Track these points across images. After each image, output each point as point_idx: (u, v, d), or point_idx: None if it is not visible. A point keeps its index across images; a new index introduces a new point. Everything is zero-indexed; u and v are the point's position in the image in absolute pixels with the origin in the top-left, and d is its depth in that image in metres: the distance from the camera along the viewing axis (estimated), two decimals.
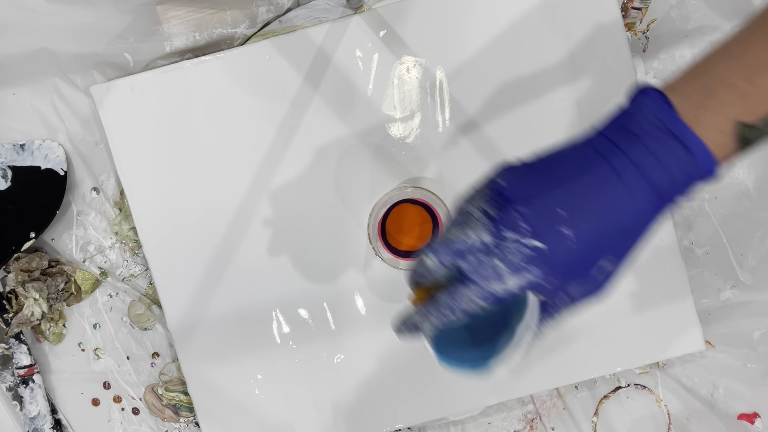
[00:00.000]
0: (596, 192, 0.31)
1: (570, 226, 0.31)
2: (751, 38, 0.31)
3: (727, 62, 0.31)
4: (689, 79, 0.32)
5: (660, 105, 0.31)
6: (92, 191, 0.66)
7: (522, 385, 0.63)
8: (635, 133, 0.31)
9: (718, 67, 0.31)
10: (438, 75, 0.62)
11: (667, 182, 0.31)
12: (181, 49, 0.63)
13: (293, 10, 0.63)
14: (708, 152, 0.31)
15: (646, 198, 0.31)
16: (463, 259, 0.32)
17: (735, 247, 0.64)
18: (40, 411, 0.65)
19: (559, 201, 0.31)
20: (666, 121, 0.31)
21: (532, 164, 0.33)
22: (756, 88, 0.30)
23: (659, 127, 0.31)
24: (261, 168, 0.62)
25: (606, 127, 0.33)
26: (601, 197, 0.31)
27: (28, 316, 0.63)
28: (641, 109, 0.32)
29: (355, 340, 0.63)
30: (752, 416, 0.64)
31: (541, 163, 0.33)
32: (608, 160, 0.31)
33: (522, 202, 0.31)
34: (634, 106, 0.32)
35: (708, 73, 0.31)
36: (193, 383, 0.63)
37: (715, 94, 0.30)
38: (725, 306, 0.65)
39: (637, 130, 0.31)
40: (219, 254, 0.62)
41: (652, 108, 0.31)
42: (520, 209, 0.31)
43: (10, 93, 0.63)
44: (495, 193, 0.32)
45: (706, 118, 0.30)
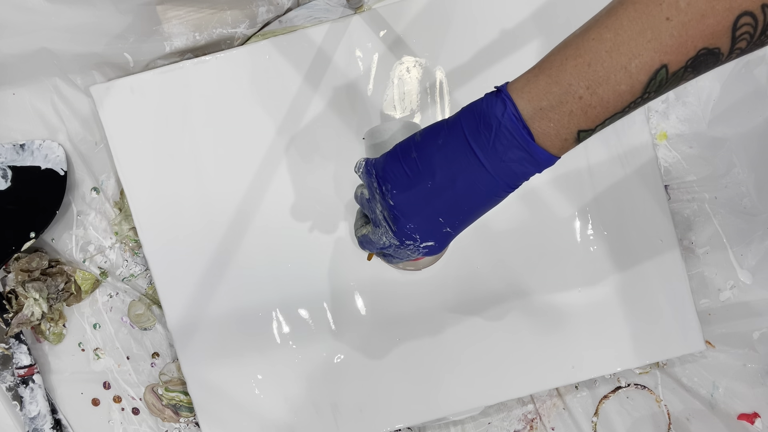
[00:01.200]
0: (463, 198, 0.39)
1: (449, 225, 0.41)
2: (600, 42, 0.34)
3: (576, 71, 0.34)
4: (543, 84, 0.35)
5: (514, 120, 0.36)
6: (92, 191, 0.66)
7: (522, 385, 0.63)
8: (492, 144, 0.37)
9: (567, 72, 0.35)
10: (438, 75, 0.62)
11: (515, 179, 0.38)
12: (181, 49, 0.63)
13: (293, 10, 0.63)
14: (550, 157, 0.37)
15: (499, 193, 0.39)
16: (386, 249, 0.45)
17: (735, 247, 0.64)
18: (40, 411, 0.65)
19: (437, 212, 0.40)
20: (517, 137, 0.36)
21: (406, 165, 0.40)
22: (597, 98, 0.34)
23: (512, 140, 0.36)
24: (261, 168, 0.62)
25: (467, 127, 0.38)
26: (466, 201, 0.39)
27: (28, 316, 0.63)
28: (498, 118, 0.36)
29: (355, 340, 0.63)
30: (752, 416, 0.64)
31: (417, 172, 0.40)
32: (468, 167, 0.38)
33: (410, 218, 0.41)
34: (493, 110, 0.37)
35: (558, 78, 0.35)
36: (193, 383, 0.63)
37: (562, 107, 0.35)
38: (725, 306, 0.65)
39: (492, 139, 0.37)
40: (219, 254, 0.62)
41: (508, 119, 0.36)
42: (410, 226, 0.41)
43: (10, 93, 0.63)
44: (389, 208, 0.41)
45: (552, 130, 0.36)
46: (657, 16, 0.32)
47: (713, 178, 0.65)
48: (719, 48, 0.32)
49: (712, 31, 0.31)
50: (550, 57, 0.36)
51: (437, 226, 0.41)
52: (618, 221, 0.62)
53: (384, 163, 0.42)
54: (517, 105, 0.36)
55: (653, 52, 0.33)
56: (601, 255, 0.62)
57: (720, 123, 0.64)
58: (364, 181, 0.44)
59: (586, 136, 0.36)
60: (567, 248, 0.62)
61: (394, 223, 0.41)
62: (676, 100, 0.65)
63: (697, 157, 0.65)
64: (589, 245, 0.62)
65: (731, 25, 0.31)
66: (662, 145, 0.65)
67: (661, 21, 0.32)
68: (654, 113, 0.65)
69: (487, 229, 0.62)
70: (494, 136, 0.37)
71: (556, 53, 0.36)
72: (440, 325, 0.62)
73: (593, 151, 0.62)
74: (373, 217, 0.44)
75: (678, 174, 0.66)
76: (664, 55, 0.33)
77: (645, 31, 0.32)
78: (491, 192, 0.39)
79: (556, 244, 0.62)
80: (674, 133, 0.65)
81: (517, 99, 0.36)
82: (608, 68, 0.34)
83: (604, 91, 0.34)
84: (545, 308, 0.62)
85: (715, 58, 0.33)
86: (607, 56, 0.34)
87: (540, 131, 0.36)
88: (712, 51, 0.32)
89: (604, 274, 0.62)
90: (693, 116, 0.65)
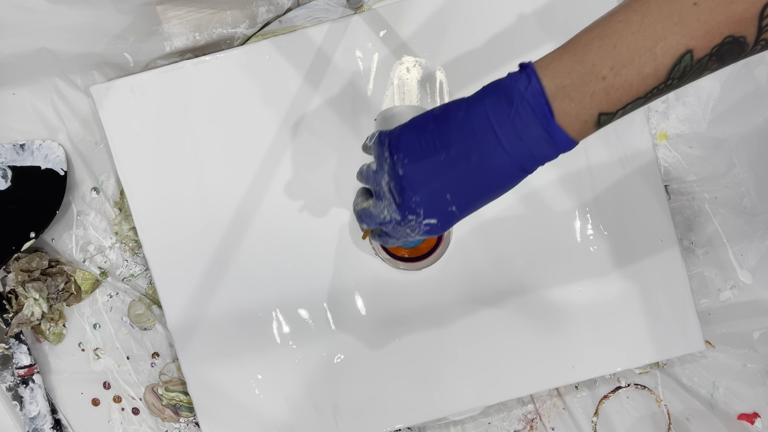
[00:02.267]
0: (474, 175, 0.38)
1: (455, 204, 0.39)
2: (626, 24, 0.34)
3: (601, 51, 0.34)
4: (567, 61, 0.35)
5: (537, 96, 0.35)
6: (92, 191, 0.66)
7: (522, 385, 0.63)
8: (512, 119, 0.36)
9: (592, 52, 0.35)
10: (438, 75, 0.62)
11: (531, 162, 0.37)
12: (181, 49, 0.63)
13: (293, 10, 0.63)
14: (569, 139, 0.36)
15: (513, 174, 0.38)
16: (385, 226, 0.43)
17: (735, 247, 0.64)
18: (40, 411, 0.65)
19: (445, 187, 0.39)
20: (539, 114, 0.35)
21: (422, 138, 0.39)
22: (621, 80, 0.34)
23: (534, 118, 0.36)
24: (261, 168, 0.62)
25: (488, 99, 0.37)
26: (477, 179, 0.38)
27: (28, 316, 0.63)
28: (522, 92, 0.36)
29: (355, 340, 0.63)
30: (752, 416, 0.64)
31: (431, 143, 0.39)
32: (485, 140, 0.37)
33: (417, 191, 0.39)
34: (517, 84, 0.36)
35: (583, 57, 0.35)
36: (193, 383, 0.63)
37: (584, 86, 0.35)
38: (725, 306, 0.65)
39: (514, 115, 0.36)
40: (219, 254, 0.62)
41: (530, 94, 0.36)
42: (416, 199, 0.40)
43: (10, 93, 0.63)
44: (396, 178, 0.40)
45: (573, 109, 0.35)
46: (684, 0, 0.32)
47: (713, 178, 0.65)
48: (745, 37, 0.33)
49: (739, 18, 0.32)
50: (576, 38, 0.36)
51: (443, 203, 0.39)
52: (618, 221, 0.62)
53: (399, 133, 0.41)
54: (541, 81, 0.36)
55: (679, 35, 0.33)
56: (601, 255, 0.62)
57: (720, 123, 0.64)
58: (374, 152, 0.43)
59: (607, 120, 0.36)
60: (567, 248, 0.62)
61: (399, 195, 0.40)
62: (676, 100, 0.65)
63: (697, 157, 0.65)
64: (589, 245, 0.62)
65: (758, 13, 0.32)
66: (662, 145, 0.65)
67: (689, 5, 0.32)
68: (654, 113, 0.65)
69: (488, 228, 0.62)
70: (514, 111, 0.36)
71: (583, 34, 0.36)
72: (440, 325, 0.62)
73: (593, 151, 0.62)
74: (377, 190, 0.43)
75: (678, 174, 0.66)
76: (690, 40, 0.33)
77: (672, 14, 0.33)
78: (504, 172, 0.38)
79: (556, 243, 0.62)
80: (674, 133, 0.65)
81: (541, 75, 0.36)
82: (633, 50, 0.34)
83: (628, 73, 0.34)
84: (545, 308, 0.62)
85: (740, 47, 0.33)
86: (632, 38, 0.34)
87: (561, 110, 0.35)
88: (737, 39, 0.33)
89: (604, 274, 0.62)
90: (693, 116, 0.65)
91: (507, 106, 0.36)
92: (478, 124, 0.37)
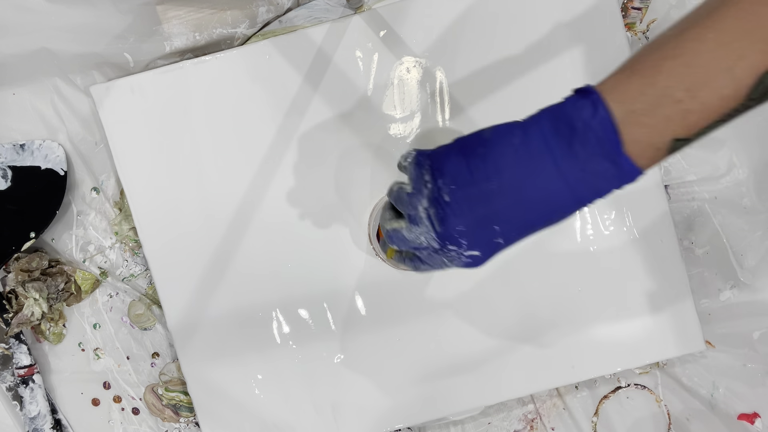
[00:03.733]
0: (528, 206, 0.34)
1: (502, 236, 0.36)
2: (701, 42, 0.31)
3: (675, 70, 0.32)
4: (636, 85, 0.32)
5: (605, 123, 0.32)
6: (92, 191, 0.66)
7: (522, 385, 0.63)
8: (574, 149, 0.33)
9: (666, 77, 0.32)
10: (438, 75, 0.62)
11: (592, 194, 0.34)
12: (181, 49, 0.63)
13: (293, 10, 0.63)
14: (637, 169, 0.33)
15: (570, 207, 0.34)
16: (419, 252, 0.40)
17: (735, 247, 0.64)
18: (40, 411, 0.65)
19: (494, 217, 0.35)
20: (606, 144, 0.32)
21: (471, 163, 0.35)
22: (697, 103, 0.31)
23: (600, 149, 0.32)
24: (261, 168, 0.62)
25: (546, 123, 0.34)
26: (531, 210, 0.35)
27: (28, 316, 0.63)
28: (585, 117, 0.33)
29: (355, 340, 0.63)
30: (752, 416, 0.64)
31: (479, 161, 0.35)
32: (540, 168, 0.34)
33: (462, 220, 0.36)
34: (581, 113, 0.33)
35: (653, 80, 0.32)
36: (193, 383, 0.63)
37: (658, 111, 0.32)
38: (725, 306, 0.65)
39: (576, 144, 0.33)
40: (219, 254, 0.62)
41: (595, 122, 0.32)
42: (460, 228, 0.36)
43: (10, 93, 0.63)
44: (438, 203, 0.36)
45: (645, 137, 0.32)
46: (765, 15, 0.30)
47: (713, 178, 0.65)
48: None
49: None
50: (641, 57, 0.33)
51: (490, 233, 0.36)
52: (618, 221, 0.62)
53: (444, 155, 0.37)
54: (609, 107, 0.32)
55: (762, 53, 0.30)
56: (601, 255, 0.62)
57: None
58: (411, 173, 0.39)
59: (681, 146, 0.33)
60: (567, 248, 0.62)
61: (441, 223, 0.37)
62: None
63: (697, 157, 0.65)
64: (589, 245, 0.62)
65: None
66: None
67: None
68: None
69: None
70: (579, 141, 0.33)
71: (649, 53, 0.33)
72: (440, 325, 0.62)
73: None
74: (413, 214, 0.39)
75: (678, 174, 0.66)
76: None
77: (753, 30, 0.30)
78: (562, 204, 0.34)
79: (556, 243, 0.62)
80: None
81: (608, 101, 0.32)
82: (710, 70, 0.31)
83: (705, 95, 0.31)
84: (545, 308, 0.62)
85: None
86: (709, 57, 0.31)
87: (630, 138, 0.32)
88: None
89: (604, 274, 0.62)
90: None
91: (569, 135, 0.33)
92: (536, 152, 0.34)
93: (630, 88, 0.32)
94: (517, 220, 0.35)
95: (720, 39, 0.31)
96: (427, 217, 0.38)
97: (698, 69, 0.31)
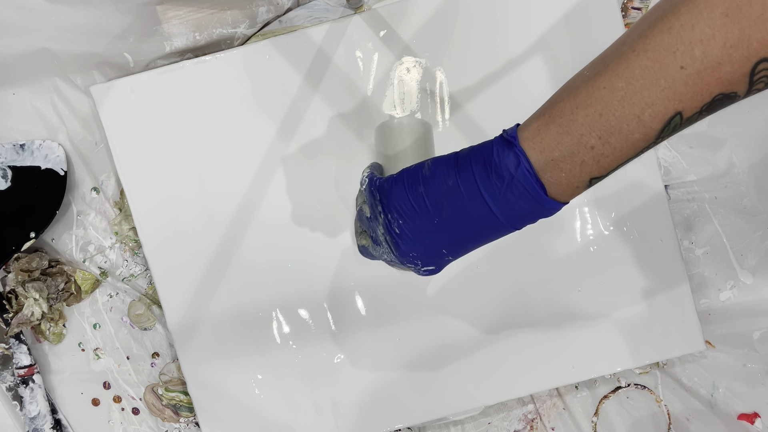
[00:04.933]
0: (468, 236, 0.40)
1: (451, 254, 0.41)
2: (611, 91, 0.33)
3: (587, 121, 0.34)
4: (553, 134, 0.35)
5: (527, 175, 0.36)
6: (92, 191, 0.66)
7: (522, 385, 0.63)
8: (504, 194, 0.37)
9: (580, 126, 0.34)
10: (438, 75, 0.62)
11: (522, 223, 0.38)
12: (181, 49, 0.63)
13: (293, 10, 0.63)
14: (559, 204, 0.37)
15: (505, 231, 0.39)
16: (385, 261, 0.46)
17: (735, 247, 0.64)
18: (40, 411, 0.65)
19: (440, 243, 0.41)
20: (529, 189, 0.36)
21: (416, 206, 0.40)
22: (609, 147, 0.34)
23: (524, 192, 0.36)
24: (261, 168, 0.62)
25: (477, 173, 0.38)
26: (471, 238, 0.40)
27: (28, 316, 0.63)
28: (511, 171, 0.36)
29: (355, 340, 0.63)
30: (752, 416, 0.64)
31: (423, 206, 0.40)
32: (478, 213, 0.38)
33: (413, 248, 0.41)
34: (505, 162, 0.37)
35: (569, 128, 0.35)
36: (193, 383, 0.63)
37: (575, 158, 0.35)
38: (725, 306, 0.65)
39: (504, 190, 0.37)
40: (219, 254, 0.62)
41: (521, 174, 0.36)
42: (413, 254, 0.41)
43: (10, 93, 0.63)
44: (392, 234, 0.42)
45: (563, 179, 0.36)
46: (671, 64, 0.31)
47: (713, 178, 0.65)
48: (736, 92, 0.31)
49: (728, 79, 0.31)
50: (559, 103, 0.36)
51: (439, 255, 0.41)
52: (618, 221, 0.62)
53: (389, 190, 0.42)
54: (529, 157, 0.36)
55: (667, 101, 0.32)
56: (601, 255, 0.62)
57: (720, 123, 0.64)
58: (367, 199, 0.44)
59: (597, 181, 0.36)
60: (567, 248, 0.62)
61: (395, 248, 0.42)
62: None
63: (697, 157, 0.65)
64: (589, 245, 0.62)
65: (749, 72, 0.30)
66: (662, 145, 0.65)
67: (675, 70, 0.31)
68: None
69: None
70: (506, 187, 0.37)
71: (566, 100, 0.35)
72: (440, 325, 0.62)
73: None
74: (374, 236, 0.45)
75: (678, 174, 0.66)
76: (679, 103, 0.32)
77: (658, 80, 0.31)
78: (497, 232, 0.39)
79: (556, 243, 0.62)
80: None
81: (528, 150, 0.36)
82: (620, 118, 0.33)
83: (616, 141, 0.34)
84: (545, 308, 0.62)
85: (730, 100, 0.32)
86: (619, 106, 0.33)
87: (551, 181, 0.36)
88: (728, 95, 0.32)
89: (604, 274, 0.62)
90: None
91: (498, 182, 0.37)
92: (469, 194, 0.38)
93: (549, 137, 0.35)
94: (460, 245, 0.41)
95: (629, 88, 0.32)
96: (386, 242, 0.43)
97: (609, 117, 0.33)
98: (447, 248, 0.41)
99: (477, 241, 0.40)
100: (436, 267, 0.43)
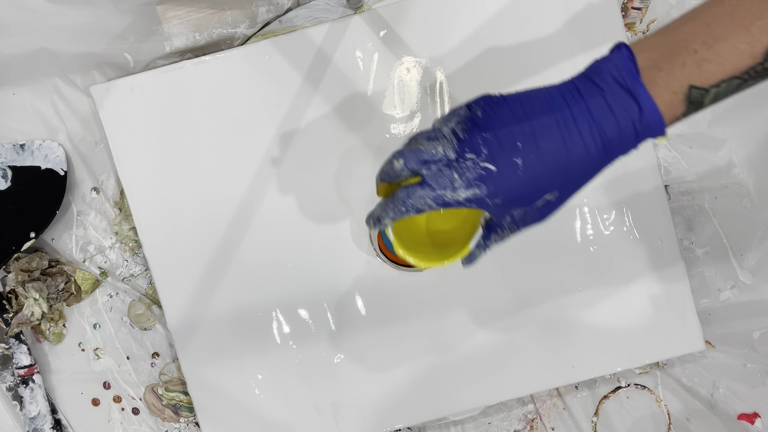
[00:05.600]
0: (552, 132, 0.35)
1: (522, 157, 0.35)
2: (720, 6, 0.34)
3: (694, 28, 0.34)
4: (657, 39, 0.35)
5: (626, 62, 0.35)
6: (92, 191, 0.66)
7: (522, 385, 0.63)
8: (599, 86, 0.35)
9: (683, 30, 0.35)
10: (438, 75, 0.62)
11: (617, 134, 0.35)
12: (181, 49, 0.63)
13: (293, 10, 0.63)
14: (656, 111, 0.34)
15: (595, 145, 0.35)
16: (426, 167, 0.37)
17: (735, 247, 0.64)
18: (40, 411, 0.65)
19: (519, 134, 0.36)
20: (626, 78, 0.34)
21: (508, 98, 0.37)
22: (713, 53, 0.34)
23: (620, 83, 0.35)
24: (261, 168, 0.62)
25: (578, 75, 0.37)
26: (555, 137, 0.35)
27: (28, 316, 0.63)
28: (610, 63, 0.35)
29: (355, 340, 0.63)
30: (752, 416, 0.64)
31: (516, 98, 0.37)
32: (569, 105, 0.35)
33: (488, 130, 0.36)
34: (605, 60, 0.36)
35: (673, 35, 0.35)
36: (193, 383, 0.63)
37: (675, 58, 0.34)
38: (725, 306, 0.65)
39: (601, 83, 0.35)
40: (219, 254, 0.62)
41: (618, 64, 0.35)
42: (484, 135, 0.36)
43: (10, 93, 0.63)
44: (468, 119, 0.37)
45: (662, 79, 0.34)
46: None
47: (713, 178, 0.65)
48: None
49: None
50: (667, 24, 0.36)
51: (512, 149, 0.36)
52: (618, 221, 0.62)
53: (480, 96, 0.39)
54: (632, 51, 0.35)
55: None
56: (601, 255, 0.62)
57: (720, 123, 0.64)
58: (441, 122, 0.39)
59: (699, 97, 0.35)
60: (567, 248, 0.62)
61: (467, 131, 0.37)
62: None
63: (697, 157, 0.65)
64: (589, 245, 0.62)
65: None
66: (662, 145, 0.65)
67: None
68: None
69: None
70: (601, 77, 0.35)
71: (675, 20, 0.36)
72: (440, 325, 0.62)
73: None
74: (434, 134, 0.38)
75: (678, 174, 0.66)
76: None
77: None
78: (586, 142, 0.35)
79: (556, 243, 0.62)
80: (674, 133, 0.65)
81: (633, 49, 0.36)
82: (728, 28, 0.33)
83: (721, 47, 0.33)
84: (545, 308, 0.62)
85: None
86: (727, 18, 0.33)
87: (648, 79, 0.35)
88: None
89: (604, 274, 0.62)
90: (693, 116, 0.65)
91: (596, 74, 0.35)
92: (566, 90, 0.36)
93: (652, 41, 0.35)
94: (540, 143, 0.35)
95: (739, 3, 0.33)
96: (451, 131, 0.37)
97: (716, 27, 0.34)
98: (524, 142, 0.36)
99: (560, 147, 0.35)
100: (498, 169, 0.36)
